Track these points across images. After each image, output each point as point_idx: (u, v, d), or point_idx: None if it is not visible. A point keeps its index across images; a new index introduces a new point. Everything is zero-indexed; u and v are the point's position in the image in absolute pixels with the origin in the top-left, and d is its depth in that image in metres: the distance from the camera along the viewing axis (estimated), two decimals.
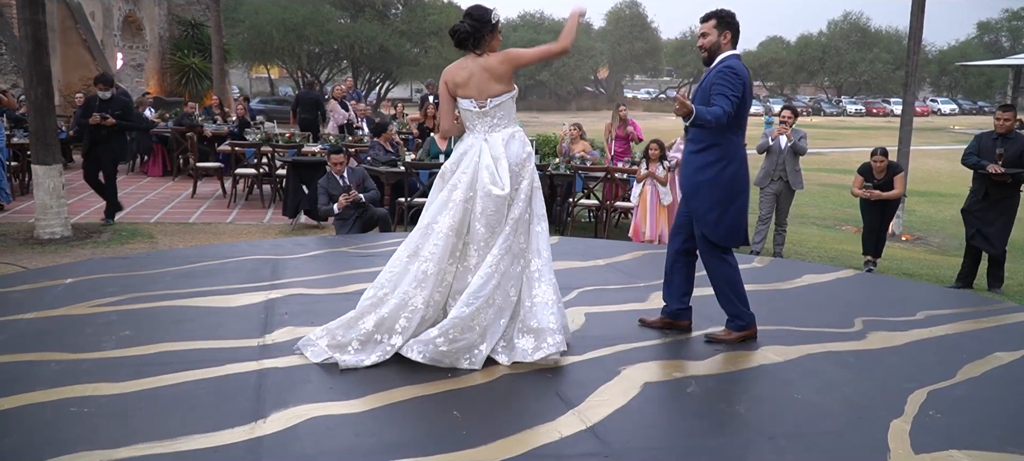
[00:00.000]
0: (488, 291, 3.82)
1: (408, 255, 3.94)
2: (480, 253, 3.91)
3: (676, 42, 62.91)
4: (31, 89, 8.28)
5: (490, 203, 3.86)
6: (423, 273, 3.84)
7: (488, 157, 3.92)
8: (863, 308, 5.23)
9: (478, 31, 3.91)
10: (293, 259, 6.12)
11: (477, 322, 3.81)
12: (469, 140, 4.02)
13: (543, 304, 3.93)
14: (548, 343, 3.86)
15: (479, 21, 3.91)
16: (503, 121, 3.98)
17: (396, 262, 3.97)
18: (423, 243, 3.91)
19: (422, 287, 3.84)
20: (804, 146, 8.99)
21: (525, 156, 4.01)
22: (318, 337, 3.92)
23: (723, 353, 4.24)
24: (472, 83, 3.92)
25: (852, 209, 16.32)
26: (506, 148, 3.93)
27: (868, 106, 60.47)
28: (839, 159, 27.92)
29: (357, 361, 3.77)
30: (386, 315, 3.83)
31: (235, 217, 10.15)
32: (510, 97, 3.98)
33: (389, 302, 3.85)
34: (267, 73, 45.82)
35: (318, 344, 3.89)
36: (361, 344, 3.82)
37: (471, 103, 3.95)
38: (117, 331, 4.20)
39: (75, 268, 5.89)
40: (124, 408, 3.28)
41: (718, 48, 4.16)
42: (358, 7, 38.34)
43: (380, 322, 3.83)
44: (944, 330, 4.83)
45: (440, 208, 3.93)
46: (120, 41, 24.10)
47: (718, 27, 4.17)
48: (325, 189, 7.74)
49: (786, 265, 6.77)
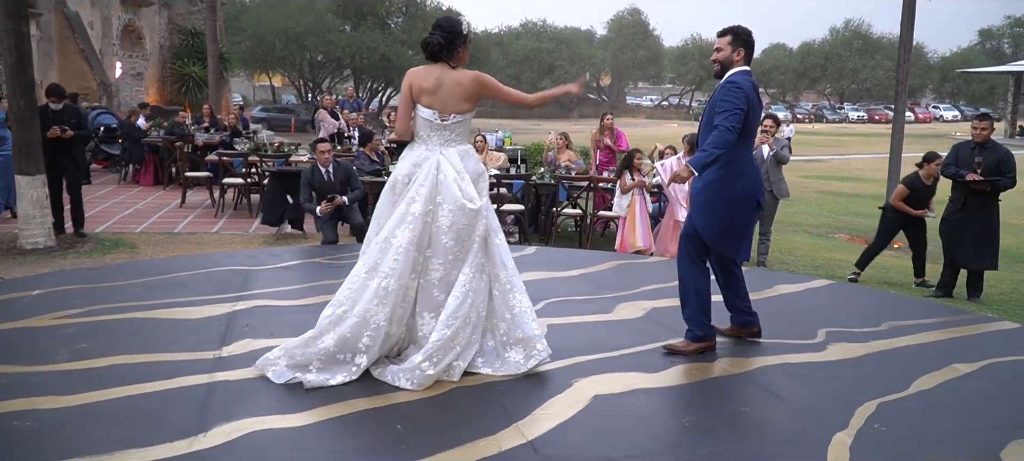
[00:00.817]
0: (465, 310, 3.83)
1: (366, 271, 3.85)
2: (445, 267, 3.87)
3: (678, 49, 62.96)
4: (14, 100, 8.32)
5: (462, 217, 3.84)
6: (384, 289, 3.77)
7: (451, 170, 3.89)
8: (829, 319, 5.23)
9: (450, 43, 3.88)
10: (264, 270, 6.15)
11: (457, 341, 3.82)
12: (422, 151, 3.95)
13: (523, 313, 3.96)
14: (537, 350, 3.93)
15: (450, 32, 3.89)
16: (460, 138, 3.98)
17: (354, 278, 3.87)
18: (382, 258, 3.83)
19: (384, 304, 3.77)
20: (786, 155, 8.99)
21: (481, 172, 4.04)
22: (277, 357, 3.83)
23: (680, 364, 4.24)
24: (439, 94, 3.89)
25: (847, 217, 16.36)
26: (464, 163, 3.94)
27: (871, 113, 60.41)
28: (839, 167, 27.86)
29: (322, 380, 3.72)
30: (347, 334, 3.76)
31: (221, 227, 10.18)
32: (470, 117, 4.00)
33: (349, 320, 3.77)
34: (269, 81, 45.96)
35: (278, 364, 3.81)
36: (323, 363, 3.77)
37: (433, 114, 3.91)
38: (74, 343, 4.23)
39: (47, 279, 5.92)
40: (66, 421, 3.29)
41: (730, 63, 4.25)
42: (360, 16, 38.50)
43: (342, 341, 3.76)
44: (906, 341, 4.83)
45: (398, 222, 3.85)
46: (119, 50, 24.23)
47: (733, 43, 4.25)
48: (308, 182, 7.47)
49: (761, 275, 6.76)
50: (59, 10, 19.61)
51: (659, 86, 70.63)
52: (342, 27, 38.33)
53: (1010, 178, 7.50)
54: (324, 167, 7.59)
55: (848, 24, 64.14)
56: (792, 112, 60.21)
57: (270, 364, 3.83)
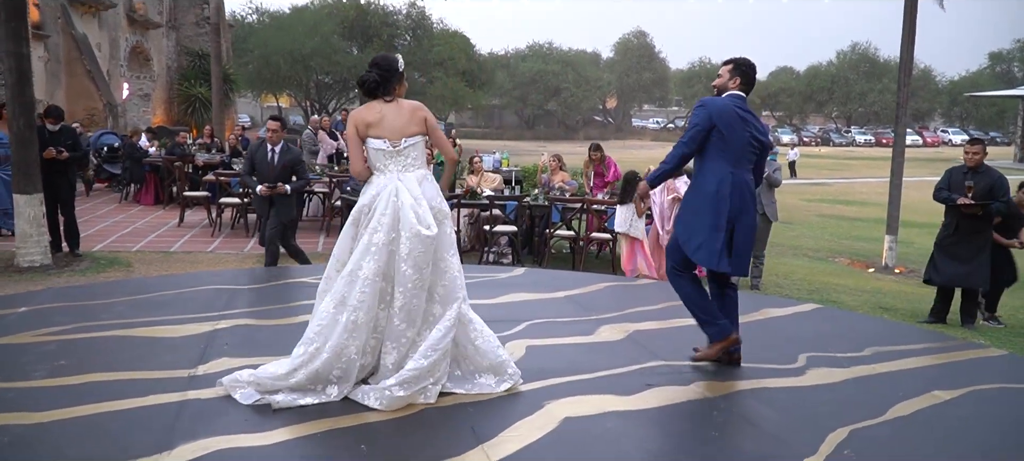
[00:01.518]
0: (446, 344, 3.87)
1: (335, 305, 3.84)
2: (405, 296, 3.83)
3: (685, 72, 63.14)
4: (14, 120, 8.41)
5: (418, 244, 3.81)
6: (353, 323, 3.77)
7: (408, 196, 3.88)
8: (812, 344, 5.21)
9: (387, 79, 3.98)
10: (250, 289, 6.18)
11: (433, 374, 3.86)
12: (380, 181, 3.97)
13: (487, 339, 4.04)
14: (508, 373, 4.03)
15: (387, 70, 3.98)
16: (416, 162, 4.00)
17: (323, 315, 3.86)
18: (349, 291, 3.81)
19: (354, 336, 3.78)
20: (778, 178, 9.00)
21: (442, 198, 4.07)
22: (247, 382, 3.82)
23: (656, 388, 4.23)
24: (384, 124, 3.94)
25: (849, 241, 16.31)
26: (422, 189, 3.95)
27: (878, 136, 60.34)
28: (843, 190, 27.83)
29: (290, 400, 3.73)
30: (319, 368, 3.77)
31: (217, 246, 10.23)
32: (422, 140, 4.03)
33: (321, 357, 3.78)
34: (276, 102, 46.29)
35: (247, 388, 3.80)
36: (293, 390, 3.77)
37: (384, 142, 3.94)
38: (52, 361, 4.25)
39: (35, 296, 5.96)
40: (34, 438, 3.31)
41: (726, 89, 4.53)
42: (366, 38, 38.82)
43: (314, 375, 3.78)
44: (888, 367, 4.80)
45: (363, 253, 3.85)
46: (127, 71, 24.48)
47: (733, 72, 4.55)
48: (251, 155, 7.28)
49: (749, 299, 6.73)
50: (67, 32, 19.84)
51: (665, 108, 70.76)
52: (349, 49, 38.66)
53: (1003, 202, 7.49)
54: (272, 145, 7.36)
55: (855, 47, 64.28)
56: (798, 135, 60.23)
57: (238, 386, 3.82)
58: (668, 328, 5.50)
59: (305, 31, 35.90)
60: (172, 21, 27.97)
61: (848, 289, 9.92)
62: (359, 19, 38.57)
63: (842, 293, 9.52)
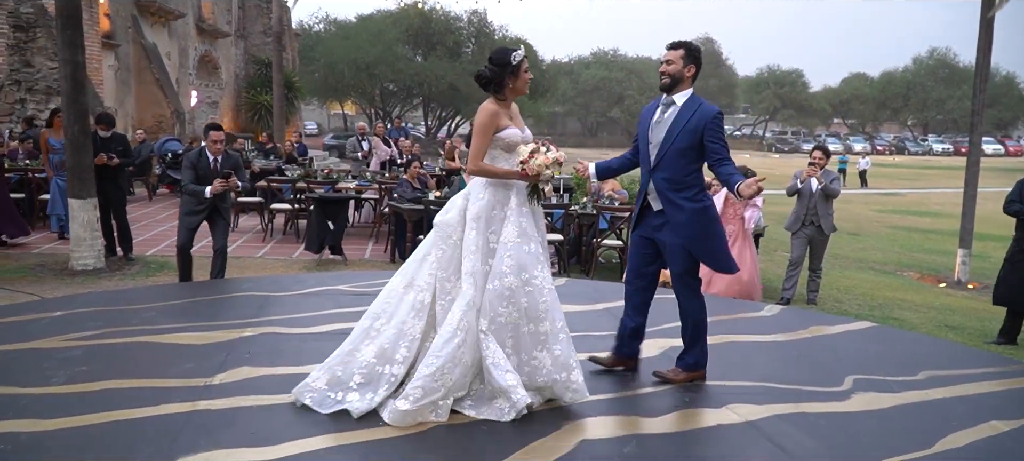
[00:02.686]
0: (451, 350, 3.65)
1: (404, 286, 3.93)
2: (434, 287, 3.89)
3: (753, 79, 61.80)
4: (69, 126, 8.62)
5: (434, 230, 3.95)
6: (421, 302, 3.84)
7: (463, 192, 4.01)
8: (861, 365, 4.88)
9: (498, 75, 3.90)
10: (284, 296, 6.14)
11: (441, 382, 3.64)
12: None
13: (494, 363, 3.73)
14: (513, 401, 3.68)
15: (499, 65, 3.89)
16: (491, 164, 3.95)
17: (392, 293, 3.95)
18: (418, 273, 3.91)
19: (420, 317, 3.82)
20: (836, 188, 8.58)
21: (490, 209, 3.88)
22: (316, 379, 3.82)
23: (686, 408, 4.00)
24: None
25: (920, 254, 15.59)
26: (474, 189, 3.95)
27: (956, 145, 58.00)
28: (916, 201, 26.74)
29: (367, 404, 3.66)
30: (386, 346, 3.77)
31: (267, 252, 10.31)
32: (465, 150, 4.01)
33: (386, 332, 3.81)
34: (341, 110, 47.05)
35: (316, 386, 3.78)
36: (364, 378, 3.73)
37: None
38: (74, 367, 4.25)
39: (72, 301, 6.04)
40: (40, 445, 3.28)
41: (681, 78, 4.16)
42: (429, 46, 39.13)
43: (381, 352, 3.77)
44: (943, 393, 4.45)
45: (435, 240, 3.94)
46: (196, 79, 25.13)
47: (685, 59, 4.15)
48: (192, 164, 6.97)
49: (796, 314, 6.41)
50: (137, 41, 20.44)
51: (732, 115, 69.42)
52: (413, 57, 39.03)
53: None
54: (213, 155, 7.06)
55: (933, 53, 61.96)
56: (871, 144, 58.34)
57: (308, 391, 3.79)
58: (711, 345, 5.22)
59: (369, 39, 36.40)
60: (240, 30, 28.64)
61: (913, 305, 9.42)
62: (422, 27, 38.88)
63: (906, 310, 9.04)
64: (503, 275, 3.78)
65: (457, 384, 3.72)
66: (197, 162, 6.93)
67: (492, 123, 3.88)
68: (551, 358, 3.75)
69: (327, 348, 4.68)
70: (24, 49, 14.65)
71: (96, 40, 17.45)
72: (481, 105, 3.96)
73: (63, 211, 9.94)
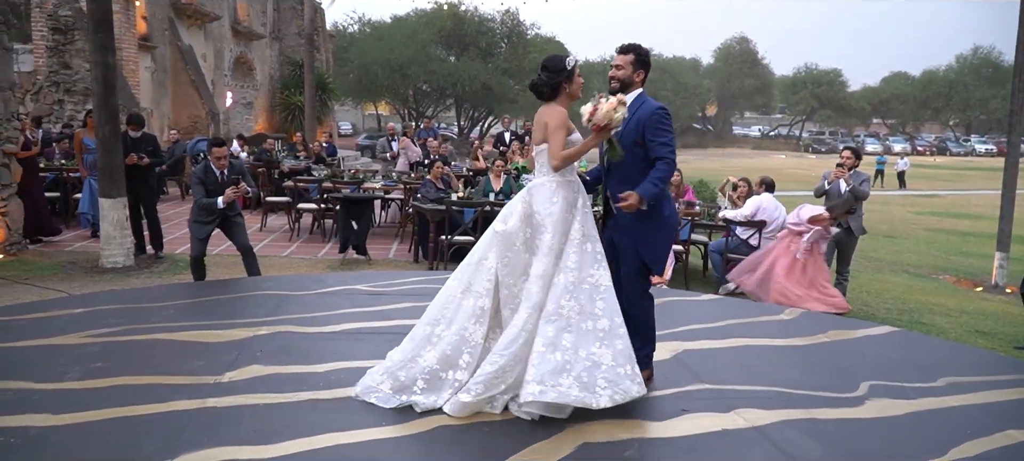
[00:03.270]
0: (515, 349, 3.73)
1: (461, 290, 3.96)
2: (499, 293, 3.91)
3: (789, 78, 60.96)
4: (100, 127, 8.80)
5: (495, 239, 3.93)
6: (480, 309, 3.87)
7: (518, 197, 4.03)
8: (878, 371, 4.79)
9: (553, 81, 3.96)
10: (301, 296, 6.19)
11: (503, 380, 3.74)
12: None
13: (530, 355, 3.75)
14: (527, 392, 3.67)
15: (554, 71, 3.95)
16: (542, 168, 4.01)
17: (449, 297, 3.98)
18: (475, 278, 3.94)
19: (481, 322, 3.86)
20: (865, 190, 8.42)
21: (550, 208, 3.89)
22: (379, 381, 3.91)
23: (686, 415, 3.95)
24: (535, 128, 4.08)
25: (957, 257, 15.25)
26: (531, 191, 3.98)
27: (1000, 146, 56.62)
28: (956, 202, 26.17)
29: (430, 403, 3.76)
30: (449, 351, 3.83)
31: (293, 251, 10.42)
32: (543, 150, 3.98)
33: (447, 337, 3.86)
34: (375, 110, 47.40)
35: (382, 390, 3.87)
36: (427, 383, 3.81)
37: (536, 146, 4.09)
38: (89, 363, 4.33)
39: (94, 298, 6.16)
40: (47, 440, 3.35)
41: (631, 83, 4.16)
42: (462, 46, 39.27)
43: (444, 358, 3.83)
44: (961, 400, 4.35)
45: (490, 243, 3.97)
46: (231, 80, 25.50)
47: (635, 64, 4.17)
48: (200, 180, 7.11)
49: (816, 318, 6.30)
50: (173, 43, 20.80)
51: (768, 116, 68.59)
52: (446, 57, 39.19)
53: None
54: (218, 170, 7.17)
55: (977, 51, 60.58)
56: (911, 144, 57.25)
57: (372, 390, 3.90)
58: (722, 348, 5.18)
59: (403, 40, 36.63)
60: (275, 32, 28.99)
61: (945, 310, 9.20)
62: (456, 27, 39.03)
63: (937, 314, 8.83)
64: (568, 270, 3.86)
65: (518, 381, 3.77)
66: (205, 177, 7.08)
67: (566, 123, 3.95)
68: (612, 353, 3.77)
69: (338, 348, 4.75)
70: (62, 51, 14.99)
71: (133, 42, 17.81)
72: (547, 108, 3.97)
73: (95, 210, 10.15)
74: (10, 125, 9.44)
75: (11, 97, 9.58)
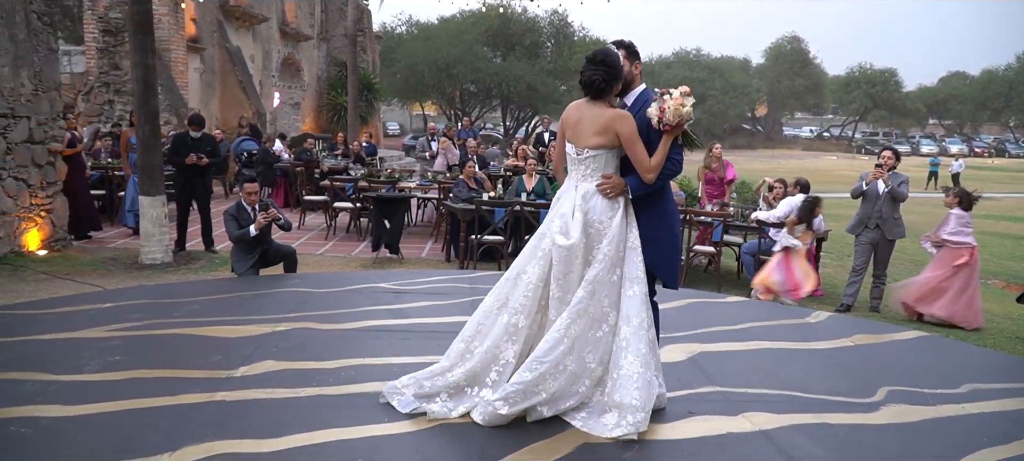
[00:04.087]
0: (555, 357, 3.56)
1: (498, 306, 3.80)
2: (556, 309, 3.68)
3: (842, 78, 59.61)
4: (140, 127, 9.04)
5: (556, 253, 3.64)
6: (514, 326, 3.70)
7: (569, 205, 3.74)
8: (899, 376, 4.66)
9: (611, 79, 3.67)
10: (326, 293, 6.27)
11: (542, 388, 3.58)
12: (565, 185, 3.86)
13: (628, 377, 3.62)
14: (627, 421, 3.55)
15: (612, 68, 3.66)
16: (595, 174, 3.73)
17: (486, 313, 3.82)
18: (512, 293, 3.76)
19: (514, 341, 3.69)
20: (904, 192, 8.21)
21: (611, 215, 3.70)
22: (405, 386, 3.83)
23: (692, 417, 3.90)
24: (579, 127, 3.74)
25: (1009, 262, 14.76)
26: (586, 200, 3.70)
27: None
28: (1013, 206, 25.34)
29: (445, 411, 3.69)
30: (478, 368, 3.71)
31: (327, 249, 10.56)
32: (608, 154, 3.70)
33: (478, 354, 3.73)
34: (422, 111, 47.75)
35: (405, 393, 3.79)
36: (450, 396, 3.74)
37: (572, 148, 3.79)
38: (108, 356, 4.45)
39: (123, 293, 6.32)
40: (58, 430, 3.45)
41: (632, 79, 3.88)
42: (509, 46, 39.34)
43: (471, 375, 3.73)
44: (981, 407, 4.21)
45: (529, 256, 3.78)
46: (279, 81, 25.93)
47: (629, 59, 3.86)
48: (233, 217, 7.21)
49: (842, 322, 6.16)
50: (222, 45, 21.23)
51: (819, 116, 67.18)
52: (492, 57, 39.29)
53: None
54: (250, 206, 7.29)
55: None
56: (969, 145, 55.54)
57: (396, 393, 3.82)
58: (740, 351, 5.10)
59: (449, 40, 36.82)
60: (323, 33, 29.39)
61: (989, 315, 8.90)
62: (502, 28, 39.11)
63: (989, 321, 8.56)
64: (640, 281, 3.72)
65: (561, 392, 3.62)
66: (238, 214, 7.17)
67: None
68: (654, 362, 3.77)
69: (351, 345, 4.81)
70: (112, 52, 15.43)
71: (181, 44, 18.23)
72: (612, 113, 3.68)
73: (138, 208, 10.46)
74: (55, 124, 9.76)
75: (57, 97, 9.88)
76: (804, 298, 7.84)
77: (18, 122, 9.03)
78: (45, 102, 9.57)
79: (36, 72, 9.39)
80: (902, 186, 8.25)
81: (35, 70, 9.37)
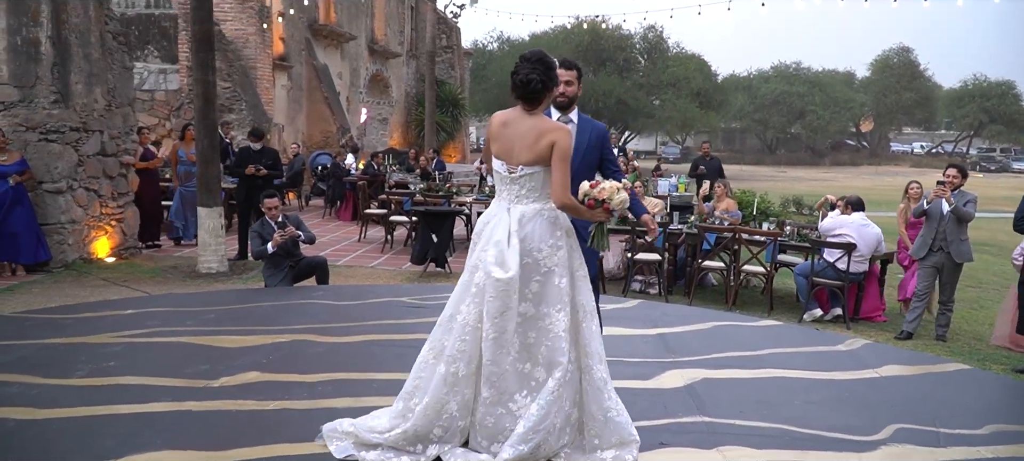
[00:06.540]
0: (549, 423, 3.26)
1: (434, 356, 3.42)
2: (488, 351, 3.28)
3: (956, 91, 56.33)
4: (199, 140, 9.39)
5: (491, 287, 3.24)
6: (453, 375, 3.31)
7: (503, 231, 3.32)
8: (917, 413, 4.27)
9: (549, 82, 3.32)
10: (343, 305, 6.31)
11: (541, 452, 3.27)
12: (493, 208, 3.46)
13: (617, 413, 3.41)
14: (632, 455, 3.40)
15: (550, 69, 3.33)
16: (532, 194, 3.35)
17: (423, 365, 3.45)
18: (447, 339, 3.37)
19: (455, 391, 3.31)
20: (970, 212, 7.60)
21: (552, 242, 3.34)
22: (345, 433, 3.48)
23: (666, 449, 3.67)
24: (511, 141, 3.33)
25: None
26: (523, 225, 3.31)
27: None
28: None
29: (384, 460, 3.36)
30: (419, 428, 3.33)
31: (381, 262, 10.67)
32: (545, 171, 3.30)
33: (417, 412, 3.35)
34: None
35: (344, 441, 3.45)
36: (388, 449, 3.38)
37: (501, 164, 3.39)
38: (102, 362, 4.59)
39: (146, 301, 6.54)
40: (21, 432, 3.56)
41: (575, 97, 4.10)
42: (600, 61, 39.18)
43: (412, 437, 3.34)
44: (996, 451, 3.79)
45: (462, 294, 3.39)
46: (367, 97, 26.61)
47: (578, 80, 4.10)
48: (258, 233, 7.26)
49: (876, 351, 5.71)
50: (309, 62, 21.97)
51: (931, 131, 63.68)
52: None
53: None
54: (273, 221, 7.30)
55: None
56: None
57: (336, 438, 3.49)
58: (747, 379, 4.80)
59: None
60: (412, 50, 30.04)
61: None
62: (593, 43, 39.01)
63: None
64: (594, 312, 3.46)
65: (554, 447, 3.31)
66: (261, 230, 7.30)
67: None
68: None
69: (342, 358, 4.80)
70: None
71: (268, 62, 18.95)
72: (548, 124, 3.32)
73: (182, 219, 10.94)
74: (128, 138, 10.26)
75: (130, 112, 10.40)
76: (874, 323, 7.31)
77: (90, 136, 9.53)
78: (118, 117, 10.09)
79: (110, 89, 9.91)
80: (968, 205, 7.64)
81: (109, 87, 9.89)
